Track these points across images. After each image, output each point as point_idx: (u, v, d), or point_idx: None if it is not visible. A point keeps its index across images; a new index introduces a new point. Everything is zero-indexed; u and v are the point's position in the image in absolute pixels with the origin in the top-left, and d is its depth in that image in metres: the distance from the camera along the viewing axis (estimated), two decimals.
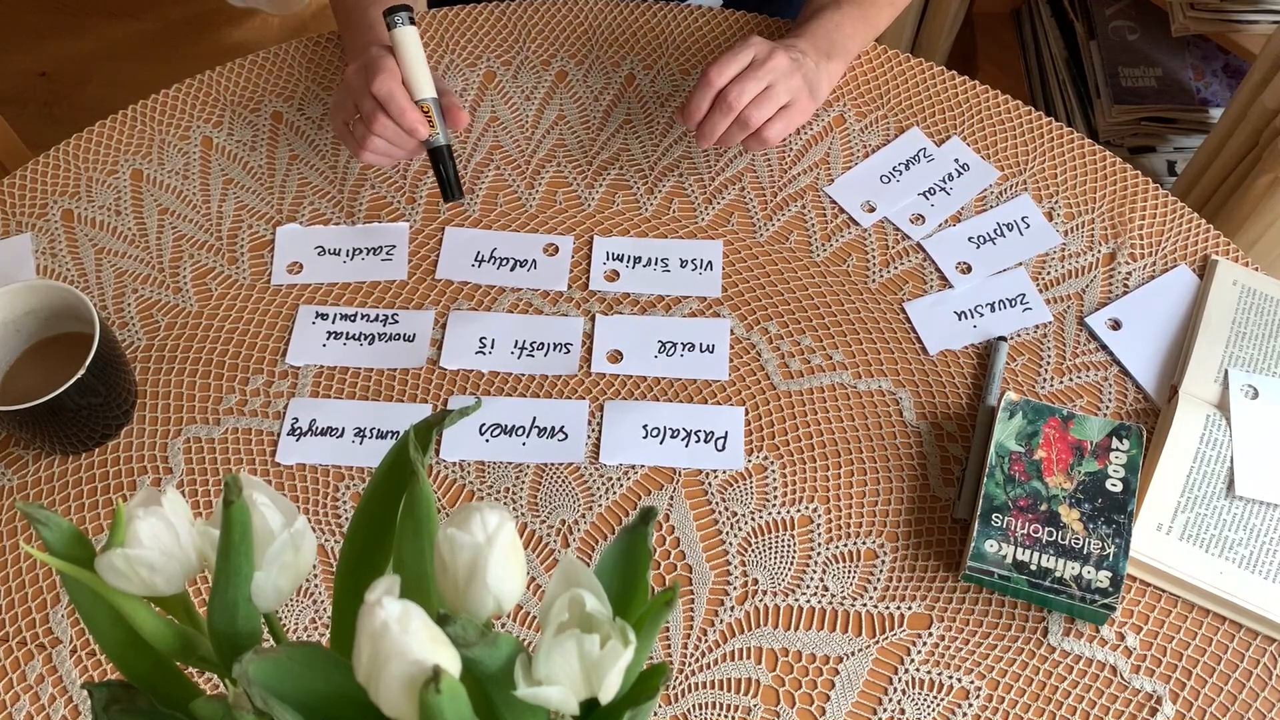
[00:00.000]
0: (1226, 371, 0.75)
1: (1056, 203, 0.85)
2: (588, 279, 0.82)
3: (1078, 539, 0.67)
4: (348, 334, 0.79)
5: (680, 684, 0.66)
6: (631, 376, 0.77)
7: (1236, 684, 0.66)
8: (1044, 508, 0.68)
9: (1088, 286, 0.81)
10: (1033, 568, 0.66)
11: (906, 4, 0.92)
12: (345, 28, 0.90)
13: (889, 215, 0.84)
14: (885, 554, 0.70)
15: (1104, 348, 0.78)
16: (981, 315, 0.80)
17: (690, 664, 0.67)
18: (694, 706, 0.66)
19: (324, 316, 0.80)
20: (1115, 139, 1.49)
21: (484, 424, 0.75)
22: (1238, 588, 0.67)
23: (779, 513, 0.72)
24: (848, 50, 0.87)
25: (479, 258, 0.83)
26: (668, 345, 0.78)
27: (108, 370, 0.70)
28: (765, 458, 0.74)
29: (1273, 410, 0.73)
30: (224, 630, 0.38)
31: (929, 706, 0.66)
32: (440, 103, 0.78)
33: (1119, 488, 0.69)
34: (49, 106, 1.84)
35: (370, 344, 0.79)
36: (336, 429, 0.75)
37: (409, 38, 0.77)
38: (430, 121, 0.77)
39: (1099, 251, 0.83)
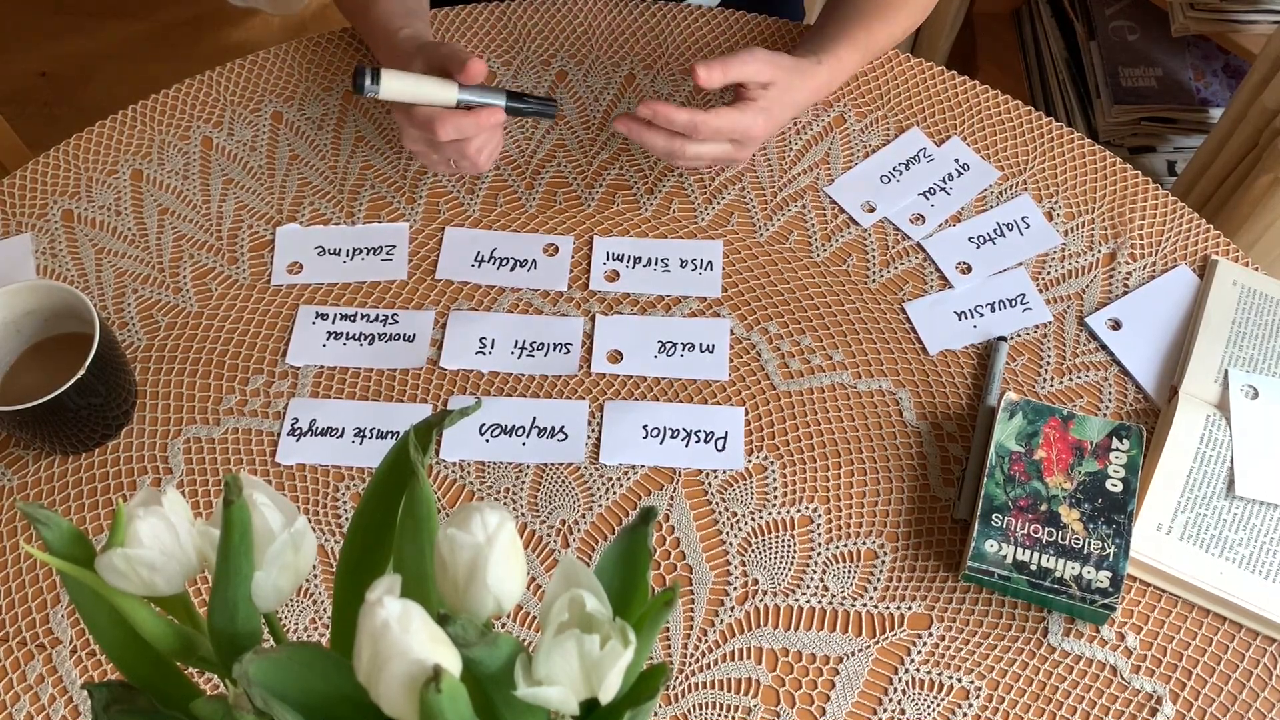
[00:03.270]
0: (1226, 371, 0.75)
1: (1056, 203, 0.85)
2: (588, 279, 0.82)
3: (1078, 539, 0.67)
4: (348, 334, 0.79)
5: (680, 684, 0.66)
6: (631, 376, 0.77)
7: (1236, 684, 0.66)
8: (1044, 508, 0.68)
9: (1088, 286, 0.81)
10: (1033, 568, 0.66)
11: (879, 52, 0.91)
12: (364, 36, 0.91)
13: (889, 215, 0.84)
14: (885, 554, 0.70)
15: (1104, 348, 0.78)
16: (981, 315, 0.80)
17: (690, 664, 0.67)
18: (694, 706, 0.66)
19: (324, 316, 0.80)
20: (1115, 139, 1.49)
21: (484, 424, 0.75)
22: (1238, 588, 0.67)
23: (779, 513, 0.72)
24: (846, 70, 0.88)
25: (479, 258, 0.83)
26: (668, 345, 0.78)
27: (108, 370, 0.70)
28: (765, 458, 0.74)
29: (1273, 410, 0.73)
30: (224, 630, 0.38)
31: (929, 706, 0.66)
32: (465, 96, 0.76)
33: (1119, 488, 0.69)
34: (49, 106, 1.84)
35: (370, 344, 0.79)
36: (336, 429, 0.75)
37: (393, 88, 0.73)
38: (478, 109, 0.75)
39: (1099, 251, 0.83)
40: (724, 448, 0.74)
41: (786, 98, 0.81)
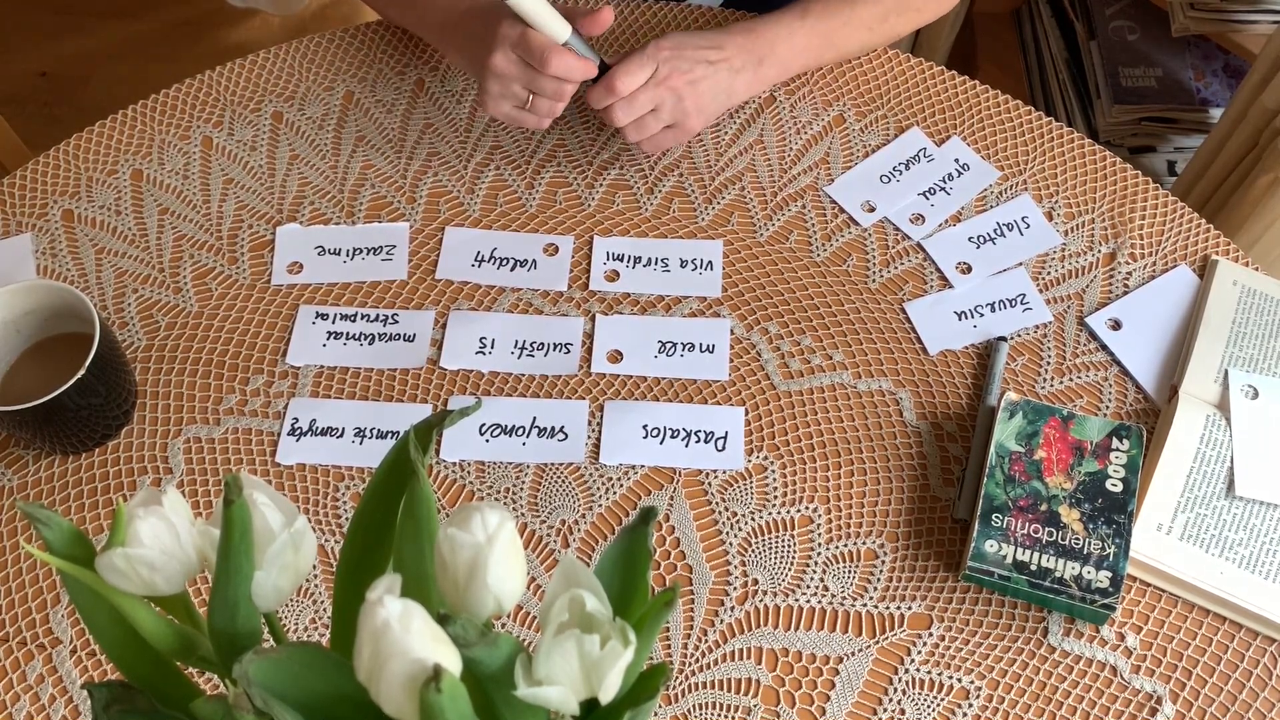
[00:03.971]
0: (1226, 371, 0.75)
1: (1056, 203, 0.85)
2: (588, 279, 0.82)
3: (1078, 539, 0.67)
4: (348, 334, 0.79)
5: (680, 684, 0.66)
6: (631, 376, 0.77)
7: (1236, 684, 0.66)
8: (1044, 508, 0.68)
9: (1088, 286, 0.81)
10: (1033, 568, 0.66)
11: (890, 38, 0.90)
12: (413, 6, 0.88)
13: (889, 215, 0.84)
14: (885, 554, 0.70)
15: (1104, 348, 0.78)
16: (981, 315, 0.80)
17: (690, 664, 0.67)
18: (694, 706, 0.66)
19: (324, 316, 0.80)
20: (1115, 139, 1.49)
21: (484, 424, 0.75)
22: (1238, 588, 0.67)
23: (779, 513, 0.72)
24: (787, 63, 0.86)
25: (479, 258, 0.83)
26: (668, 345, 0.78)
27: (108, 370, 0.70)
28: (765, 458, 0.74)
29: (1273, 410, 0.73)
30: (224, 630, 0.38)
31: (929, 706, 0.66)
32: (577, 31, 0.77)
33: (1119, 488, 0.69)
34: (49, 106, 1.84)
35: (370, 344, 0.79)
36: (336, 429, 0.75)
37: (524, 2, 0.74)
38: (585, 60, 0.77)
39: (1099, 251, 0.83)
40: (724, 448, 0.74)
41: (679, 44, 0.80)
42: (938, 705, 0.66)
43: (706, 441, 0.74)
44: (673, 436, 0.74)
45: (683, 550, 0.71)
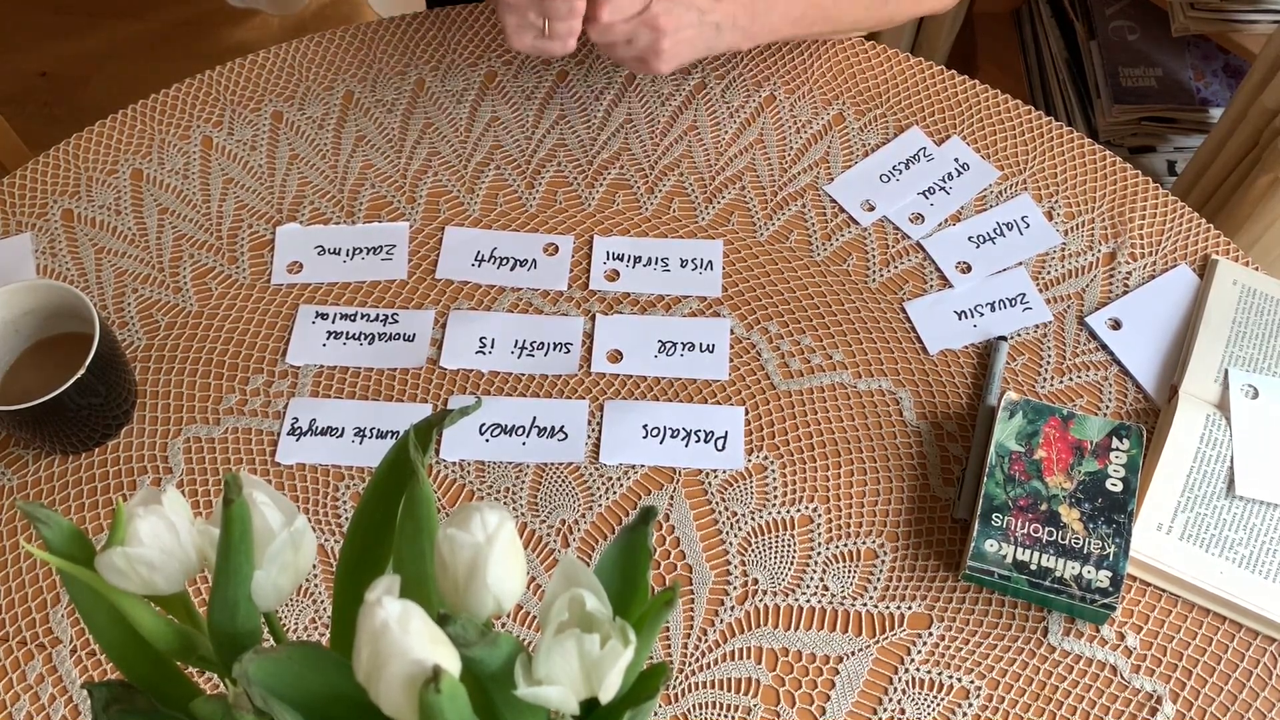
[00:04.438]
0: (1226, 371, 0.75)
1: (1056, 202, 0.85)
2: (588, 279, 0.82)
3: (1078, 539, 0.67)
4: (348, 334, 0.79)
5: (680, 684, 0.66)
6: (631, 376, 0.77)
7: (1236, 684, 0.66)
8: (1044, 507, 0.68)
9: (1088, 286, 0.81)
10: (1033, 567, 0.66)
11: (887, 22, 0.88)
12: None
13: (889, 215, 0.84)
14: (885, 554, 0.70)
15: (1104, 347, 0.78)
16: (981, 315, 0.80)
17: (690, 664, 0.67)
18: (694, 706, 0.66)
19: (324, 316, 0.80)
20: (1115, 139, 1.49)
21: (484, 424, 0.75)
22: (1238, 588, 0.67)
23: (779, 513, 0.72)
24: (777, 29, 0.83)
25: (479, 257, 0.83)
26: (668, 345, 0.78)
27: (108, 370, 0.70)
28: (765, 458, 0.74)
29: (1273, 410, 0.73)
30: (224, 630, 0.38)
31: (929, 706, 0.66)
32: None
33: (1119, 487, 0.69)
34: (49, 106, 1.84)
35: (370, 344, 0.79)
36: (336, 429, 0.75)
37: None
38: None
39: (1099, 251, 0.83)
40: (724, 447, 0.74)
41: None
42: (938, 705, 0.66)
43: (706, 441, 0.74)
44: (673, 436, 0.74)
45: (683, 550, 0.71)
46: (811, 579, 0.70)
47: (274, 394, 0.77)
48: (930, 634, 0.68)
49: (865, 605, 0.69)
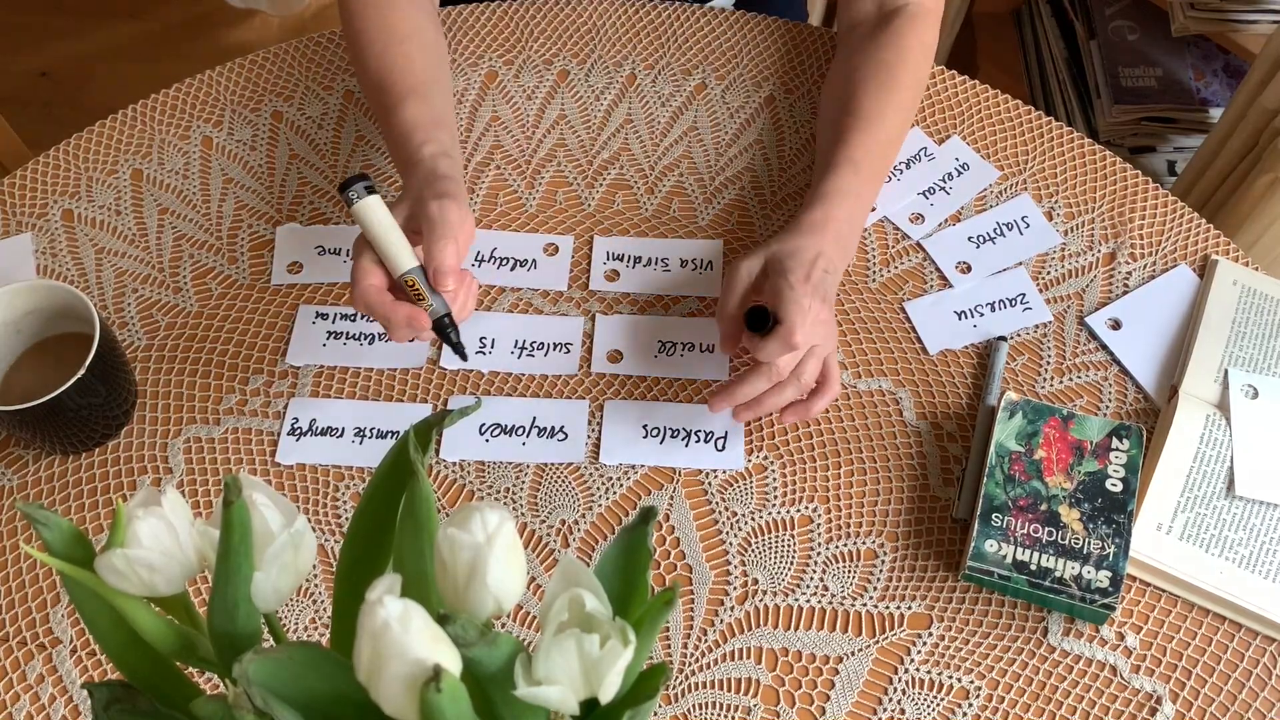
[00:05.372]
0: (1226, 371, 0.75)
1: (1056, 202, 0.85)
2: (588, 279, 0.82)
3: (1078, 539, 0.67)
4: (348, 334, 0.79)
5: (680, 684, 0.66)
6: (631, 376, 0.77)
7: (1236, 684, 0.66)
8: (1044, 508, 0.68)
9: (1088, 286, 0.81)
10: (1033, 568, 0.66)
11: (913, 112, 0.83)
12: (385, 140, 0.79)
13: (889, 215, 0.84)
14: (885, 554, 0.70)
15: (1104, 347, 0.78)
16: (981, 315, 0.80)
17: (690, 664, 0.67)
18: (694, 706, 0.66)
19: (324, 316, 0.80)
20: (1115, 139, 1.49)
21: (484, 424, 0.75)
22: (1238, 588, 0.67)
23: (779, 513, 0.72)
24: (862, 223, 0.79)
25: (479, 258, 0.83)
26: (668, 345, 0.78)
27: (108, 370, 0.70)
28: (765, 458, 0.74)
29: (1273, 410, 0.73)
30: (224, 630, 0.38)
31: (929, 706, 0.66)
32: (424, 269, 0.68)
33: (1119, 488, 0.69)
34: (49, 106, 1.84)
35: (370, 344, 0.79)
36: (336, 429, 0.75)
37: (369, 212, 0.67)
38: (420, 295, 0.67)
39: (1099, 251, 0.83)
40: (724, 447, 0.74)
41: (802, 271, 0.70)
42: (938, 705, 0.66)
43: (706, 441, 0.74)
44: (673, 436, 0.74)
45: (683, 550, 0.71)
46: (811, 579, 0.70)
47: (274, 394, 0.77)
48: (930, 634, 0.68)
49: (865, 605, 0.69)
